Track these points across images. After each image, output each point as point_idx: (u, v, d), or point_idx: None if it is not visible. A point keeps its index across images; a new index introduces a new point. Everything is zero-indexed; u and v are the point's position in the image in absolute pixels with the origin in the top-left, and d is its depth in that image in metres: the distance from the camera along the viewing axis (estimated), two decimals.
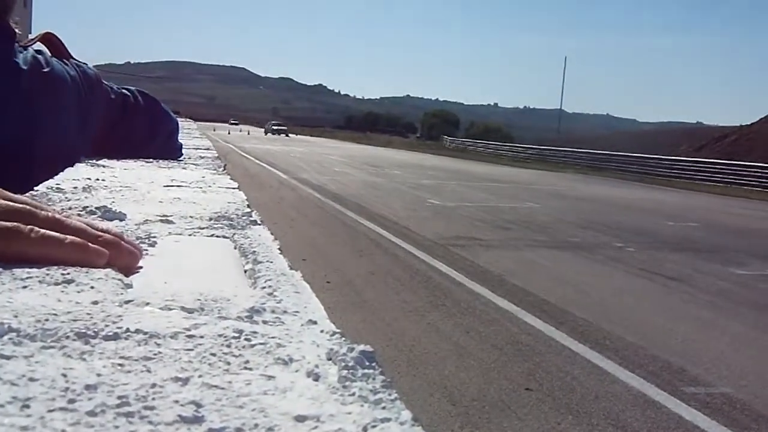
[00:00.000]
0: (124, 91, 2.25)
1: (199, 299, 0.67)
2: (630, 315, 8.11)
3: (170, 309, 0.63)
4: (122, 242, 0.83)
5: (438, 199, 20.58)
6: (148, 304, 0.64)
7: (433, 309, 7.83)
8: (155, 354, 0.52)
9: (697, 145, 76.09)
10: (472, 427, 4.98)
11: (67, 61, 1.93)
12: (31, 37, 1.92)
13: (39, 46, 1.87)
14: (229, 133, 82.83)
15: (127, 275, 0.77)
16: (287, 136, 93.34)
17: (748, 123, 77.64)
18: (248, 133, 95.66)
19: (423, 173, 33.23)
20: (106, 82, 2.16)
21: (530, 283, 9.21)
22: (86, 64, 2.03)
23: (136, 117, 2.26)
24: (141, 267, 0.83)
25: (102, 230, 0.84)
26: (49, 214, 0.82)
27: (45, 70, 1.77)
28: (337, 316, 5.19)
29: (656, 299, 9.18)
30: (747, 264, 12.09)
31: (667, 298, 9.26)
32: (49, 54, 1.88)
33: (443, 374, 5.87)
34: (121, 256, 0.81)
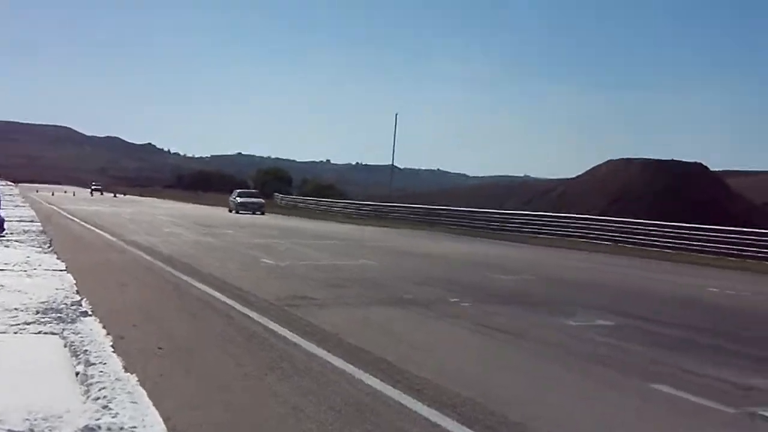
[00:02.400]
0: None
1: (27, 418, 0.62)
2: (466, 371, 8.22)
3: None
4: None
5: (272, 258, 20.53)
6: None
7: (270, 371, 7.71)
8: None
9: (525, 198, 79.20)
10: None
11: None
12: None
13: None
14: (53, 194, 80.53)
15: None
16: (262, 214, 58.25)
17: (574, 176, 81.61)
18: (74, 194, 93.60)
19: (255, 232, 33.12)
20: None
21: (366, 342, 9.23)
22: None
23: None
24: None
25: None
26: None
27: None
28: (170, 384, 5.01)
29: (491, 354, 9.38)
30: (575, 314, 12.50)
31: (502, 353, 9.48)
32: None
33: None
34: None
